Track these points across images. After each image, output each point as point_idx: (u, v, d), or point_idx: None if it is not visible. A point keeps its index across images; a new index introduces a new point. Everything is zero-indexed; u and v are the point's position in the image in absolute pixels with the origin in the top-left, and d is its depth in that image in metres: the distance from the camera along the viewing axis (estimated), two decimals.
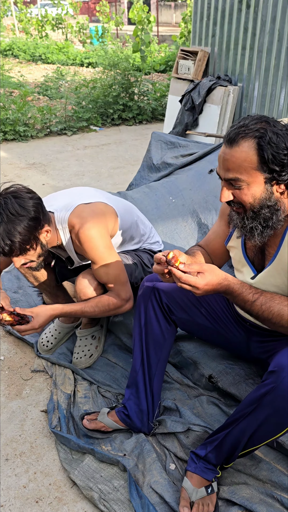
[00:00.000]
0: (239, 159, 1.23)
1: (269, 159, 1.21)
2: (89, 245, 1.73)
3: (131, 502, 1.44)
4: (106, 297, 1.82)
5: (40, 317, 1.72)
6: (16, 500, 1.51)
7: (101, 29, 15.57)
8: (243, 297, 1.31)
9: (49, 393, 1.94)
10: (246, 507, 1.39)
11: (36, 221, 1.63)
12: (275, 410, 1.24)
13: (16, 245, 1.60)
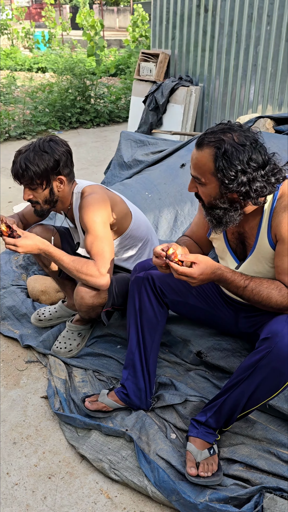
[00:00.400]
0: (201, 162, 1.41)
1: (218, 169, 1.37)
2: (87, 210, 1.82)
3: (141, 468, 1.54)
4: (86, 259, 1.83)
5: (27, 239, 1.73)
6: (29, 478, 1.57)
7: (47, 34, 15.51)
8: (235, 284, 1.46)
9: (46, 381, 2.01)
10: (247, 462, 1.53)
11: (55, 165, 1.79)
12: (271, 372, 1.38)
13: (28, 173, 1.75)
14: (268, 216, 1.48)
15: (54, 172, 1.80)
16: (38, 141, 1.81)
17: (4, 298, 2.54)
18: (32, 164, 1.75)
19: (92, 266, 1.81)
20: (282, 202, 1.45)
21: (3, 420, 1.80)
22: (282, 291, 1.43)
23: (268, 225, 1.48)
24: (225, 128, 1.41)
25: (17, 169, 1.77)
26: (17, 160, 1.79)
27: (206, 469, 1.50)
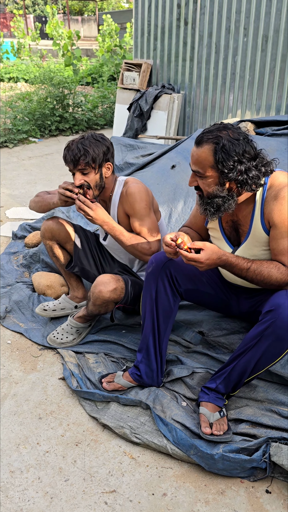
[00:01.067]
0: (201, 157, 1.62)
1: (218, 161, 1.59)
2: (133, 198, 2.03)
3: (159, 430, 1.72)
4: (140, 238, 2.04)
5: (101, 209, 1.97)
6: (58, 446, 1.73)
7: (17, 44, 15.62)
8: (240, 267, 1.67)
9: (61, 365, 2.17)
10: (252, 420, 1.73)
11: (107, 151, 2.01)
12: (275, 339, 1.58)
13: (87, 157, 1.95)
14: (260, 205, 1.70)
15: (105, 158, 2.01)
16: (89, 133, 2.04)
17: (11, 294, 2.69)
18: (90, 148, 1.96)
19: (146, 245, 2.02)
20: (272, 192, 1.67)
21: (26, 399, 1.95)
22: (281, 269, 1.64)
23: (261, 213, 1.70)
24: (220, 127, 1.63)
25: (76, 153, 1.95)
26: (74, 147, 1.96)
27: (219, 428, 1.69)
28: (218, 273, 1.99)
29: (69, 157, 1.98)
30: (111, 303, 2.08)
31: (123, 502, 1.52)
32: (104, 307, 2.10)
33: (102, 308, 2.11)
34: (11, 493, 1.55)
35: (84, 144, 1.96)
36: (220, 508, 1.51)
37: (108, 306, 2.10)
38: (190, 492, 1.56)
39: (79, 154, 1.95)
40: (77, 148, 1.95)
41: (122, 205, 2.10)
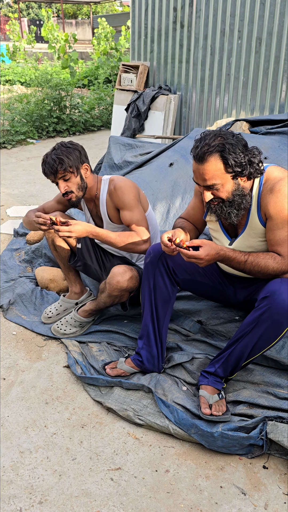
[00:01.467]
0: (211, 170, 1.68)
1: (232, 164, 1.67)
2: (121, 192, 2.13)
3: (161, 412, 1.81)
4: (128, 232, 2.13)
5: (78, 225, 2.03)
6: (65, 428, 1.81)
7: (12, 47, 15.72)
8: (237, 260, 1.76)
9: (65, 354, 2.25)
10: (249, 401, 1.82)
11: (80, 154, 2.12)
12: (271, 324, 1.67)
13: (63, 164, 2.06)
14: (257, 199, 1.79)
15: (80, 160, 2.12)
16: (58, 144, 2.14)
17: (15, 287, 2.77)
18: (63, 156, 2.07)
19: (135, 236, 2.10)
20: (267, 186, 1.76)
21: (33, 386, 2.03)
22: (277, 259, 1.73)
23: (257, 206, 1.79)
24: (211, 136, 1.70)
25: (52, 164, 2.06)
26: (49, 159, 2.08)
27: (218, 409, 1.78)
28: (215, 264, 2.08)
29: (47, 169, 2.09)
30: (126, 292, 2.18)
31: (128, 478, 1.61)
32: (118, 298, 2.20)
33: (116, 299, 2.21)
34: (21, 472, 1.63)
35: (57, 154, 2.08)
36: (220, 482, 1.59)
37: (122, 296, 2.19)
38: (191, 468, 1.65)
39: (56, 164, 2.06)
40: (52, 159, 2.07)
41: (111, 200, 2.20)
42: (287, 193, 1.70)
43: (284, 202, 1.70)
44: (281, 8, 4.03)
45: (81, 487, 1.57)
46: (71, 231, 2.00)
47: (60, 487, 1.57)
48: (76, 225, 2.02)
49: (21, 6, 28.74)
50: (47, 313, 2.45)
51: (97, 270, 2.44)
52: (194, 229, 2.07)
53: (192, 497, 1.54)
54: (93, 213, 2.35)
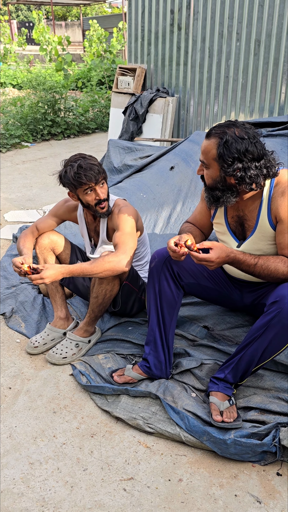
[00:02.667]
0: (207, 149, 1.71)
1: (220, 155, 1.67)
2: (122, 217, 2.13)
3: (171, 419, 1.78)
4: (102, 256, 2.04)
5: (49, 270, 1.95)
6: (75, 438, 1.78)
7: (3, 50, 15.65)
8: (247, 263, 1.75)
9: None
10: (260, 407, 1.81)
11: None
12: (281, 328, 1.65)
13: (102, 169, 2.10)
14: (267, 201, 1.77)
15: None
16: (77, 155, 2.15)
17: (17, 294, 2.74)
18: (97, 163, 2.11)
19: (112, 256, 2.02)
20: (279, 189, 1.75)
21: (40, 395, 2.00)
22: (287, 263, 1.72)
23: (268, 209, 1.77)
24: (230, 123, 1.70)
25: (94, 169, 2.07)
26: (87, 166, 2.07)
27: (229, 416, 1.76)
28: (220, 268, 2.06)
29: (91, 175, 2.07)
30: (117, 279, 2.14)
31: (141, 488, 1.58)
32: (110, 287, 2.14)
33: (108, 288, 2.14)
34: (32, 484, 1.60)
35: (91, 161, 2.10)
36: (234, 491, 1.57)
37: (114, 284, 2.14)
38: (204, 477, 1.63)
39: (97, 169, 2.07)
40: (90, 166, 2.07)
41: (111, 222, 2.22)
42: None
43: None
44: (280, 10, 4.03)
45: (94, 499, 1.54)
46: (43, 277, 1.94)
47: (72, 499, 1.54)
48: (47, 271, 1.95)
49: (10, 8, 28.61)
50: (33, 342, 2.29)
51: (88, 286, 2.43)
52: (201, 234, 2.05)
53: (207, 507, 1.52)
54: (91, 228, 2.35)
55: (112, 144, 3.93)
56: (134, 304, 2.36)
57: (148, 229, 3.00)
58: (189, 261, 1.96)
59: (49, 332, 2.33)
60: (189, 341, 2.25)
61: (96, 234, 2.34)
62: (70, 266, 2.00)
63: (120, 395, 1.94)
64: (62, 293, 2.42)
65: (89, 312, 2.23)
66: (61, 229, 3.31)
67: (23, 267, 1.98)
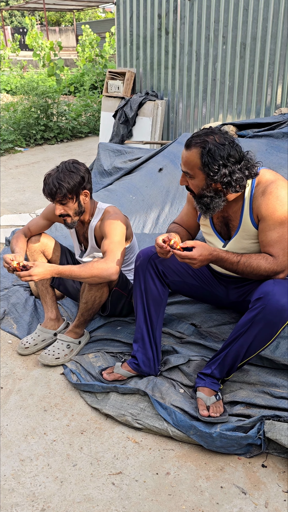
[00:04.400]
0: (189, 159, 1.75)
1: (205, 165, 1.72)
2: (111, 225, 2.13)
3: (159, 415, 1.82)
4: (92, 261, 2.06)
5: (38, 267, 1.97)
6: (65, 435, 1.82)
7: None
8: (230, 261, 1.79)
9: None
10: (246, 402, 1.85)
11: (82, 181, 2.10)
12: (265, 324, 1.70)
13: (62, 190, 2.06)
14: (249, 201, 1.82)
15: (81, 187, 2.11)
16: (63, 164, 2.12)
17: (10, 296, 2.77)
18: (64, 181, 2.06)
19: (101, 262, 2.03)
20: (259, 189, 1.80)
21: (31, 394, 2.04)
22: (268, 259, 1.77)
23: (250, 209, 1.82)
24: (208, 131, 1.76)
25: (51, 188, 2.06)
26: (49, 181, 2.07)
27: (215, 410, 1.80)
28: (206, 266, 2.11)
29: (46, 191, 2.09)
30: (105, 286, 2.16)
31: (129, 482, 1.62)
32: (99, 294, 2.16)
33: (97, 294, 2.17)
34: (22, 480, 1.63)
35: (59, 178, 2.06)
36: (220, 482, 1.61)
37: (103, 291, 2.17)
38: (191, 470, 1.67)
39: (55, 189, 2.06)
40: (53, 183, 2.06)
41: (100, 230, 2.23)
42: (279, 195, 1.74)
43: (276, 204, 1.73)
44: (264, 14, 4.10)
45: (83, 493, 1.58)
46: (31, 274, 1.95)
47: (62, 494, 1.58)
48: (36, 268, 1.97)
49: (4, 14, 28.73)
50: (24, 343, 2.32)
51: (78, 288, 2.46)
52: (187, 234, 2.10)
53: (193, 498, 1.56)
54: (80, 233, 2.38)
55: (102, 147, 3.97)
56: (123, 307, 2.40)
57: (137, 230, 3.05)
58: (174, 260, 2.01)
59: (39, 333, 2.36)
60: (177, 339, 2.29)
61: (85, 239, 2.37)
62: (60, 267, 2.03)
63: (110, 392, 1.97)
64: (53, 295, 2.45)
65: (79, 316, 2.26)
66: (53, 231, 3.35)
67: (12, 263, 2.00)
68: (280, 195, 1.74)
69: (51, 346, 2.26)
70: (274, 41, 4.09)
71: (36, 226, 2.41)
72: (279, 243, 1.75)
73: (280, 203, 1.73)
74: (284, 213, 1.74)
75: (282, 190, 1.75)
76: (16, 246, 2.30)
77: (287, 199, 1.74)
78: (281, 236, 1.75)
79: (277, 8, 4.00)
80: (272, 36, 4.09)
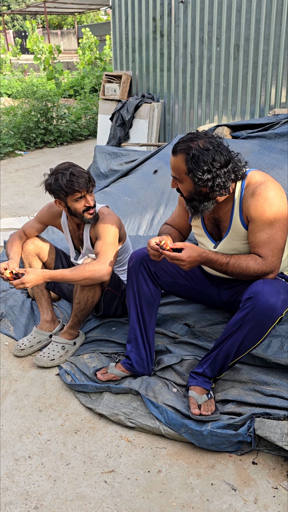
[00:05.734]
0: (176, 165, 1.79)
1: (190, 170, 1.75)
2: (105, 226, 2.18)
3: (151, 413, 1.85)
4: (83, 264, 2.10)
5: (30, 274, 2.01)
6: (59, 435, 1.85)
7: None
8: (219, 262, 1.82)
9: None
10: (237, 400, 1.87)
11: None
12: (255, 323, 1.72)
13: (92, 178, 2.16)
14: (239, 202, 1.85)
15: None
16: (67, 163, 2.18)
17: (7, 299, 2.81)
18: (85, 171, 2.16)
19: (93, 264, 2.07)
20: (249, 191, 1.82)
21: (26, 395, 2.07)
22: (257, 260, 1.79)
23: (239, 210, 1.85)
24: (192, 137, 1.78)
25: (86, 178, 2.13)
26: (78, 174, 2.12)
27: (207, 409, 1.83)
28: (198, 267, 2.14)
29: (82, 182, 2.11)
30: (97, 286, 2.19)
31: (121, 480, 1.65)
32: (92, 294, 2.19)
33: (90, 295, 2.19)
34: (16, 479, 1.66)
35: (81, 169, 2.15)
36: (211, 480, 1.64)
37: (95, 291, 2.19)
38: (182, 467, 1.69)
39: (87, 177, 2.13)
40: (81, 174, 2.12)
41: (94, 230, 2.27)
42: (267, 197, 1.76)
43: (265, 205, 1.76)
44: (256, 15, 4.13)
45: (76, 491, 1.61)
46: (23, 282, 1.99)
47: (55, 492, 1.61)
48: (28, 275, 2.00)
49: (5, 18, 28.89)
50: (20, 345, 2.35)
51: (69, 288, 2.49)
52: (179, 236, 2.13)
53: (184, 495, 1.58)
54: (74, 235, 2.41)
55: (99, 150, 4.01)
56: (117, 308, 2.42)
57: (132, 232, 3.08)
58: (166, 261, 2.03)
59: (35, 335, 2.40)
60: (170, 339, 2.32)
61: (80, 241, 2.40)
62: (51, 272, 2.06)
63: (103, 392, 2.01)
64: (48, 297, 2.48)
65: (72, 317, 2.28)
66: (49, 233, 3.38)
67: (5, 273, 2.04)
68: (269, 196, 1.76)
69: (46, 348, 2.29)
70: (267, 42, 4.12)
71: (31, 229, 2.44)
72: (268, 244, 1.78)
73: (269, 204, 1.76)
74: (273, 214, 1.76)
75: (271, 192, 1.77)
76: (10, 251, 2.33)
77: (276, 201, 1.76)
78: (270, 237, 1.77)
79: (269, 9, 4.03)
80: (265, 37, 4.11)
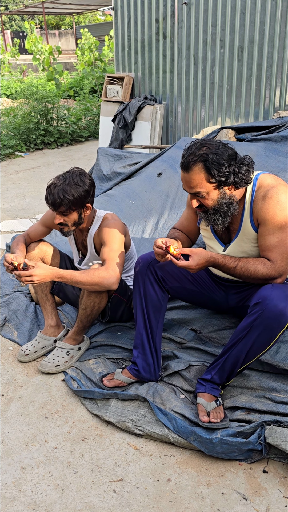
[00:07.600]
0: (195, 179, 1.75)
1: (215, 174, 1.72)
2: (110, 233, 2.14)
3: (160, 421, 1.83)
4: (93, 268, 2.06)
5: (39, 268, 1.96)
6: (66, 442, 1.82)
7: None
8: (227, 266, 1.80)
9: None
10: (247, 407, 1.85)
11: (87, 195, 2.09)
12: (264, 329, 1.70)
13: (65, 202, 2.05)
14: (249, 205, 1.83)
15: (85, 201, 2.11)
16: (70, 174, 2.10)
17: (10, 303, 2.78)
18: (68, 195, 2.04)
19: (102, 270, 2.03)
20: (260, 193, 1.80)
21: (32, 401, 2.04)
22: (266, 264, 1.77)
23: (250, 212, 1.83)
24: (197, 146, 1.76)
25: (55, 199, 2.05)
26: (54, 192, 2.05)
27: (216, 416, 1.80)
28: (205, 271, 2.11)
29: (50, 200, 2.07)
30: (105, 293, 2.16)
31: (130, 489, 1.62)
32: (98, 300, 2.16)
33: (96, 301, 2.17)
34: (24, 488, 1.64)
35: (65, 190, 2.04)
36: (221, 489, 1.61)
37: (102, 297, 2.17)
38: (192, 476, 1.67)
39: (59, 200, 2.04)
40: (57, 194, 2.04)
41: (98, 237, 2.23)
42: (279, 200, 1.74)
43: (276, 208, 1.74)
44: (261, 17, 4.12)
45: (84, 500, 1.58)
46: (32, 275, 1.93)
47: (63, 502, 1.58)
48: (37, 269, 1.95)
49: (3, 18, 28.85)
50: (24, 350, 2.32)
51: (77, 295, 2.45)
52: (188, 240, 2.11)
53: (194, 505, 1.56)
54: (79, 240, 2.38)
55: (101, 152, 3.99)
56: (123, 313, 2.40)
57: (136, 235, 3.06)
58: (173, 266, 2.01)
59: (39, 340, 2.37)
60: (177, 344, 2.30)
61: (84, 246, 2.37)
62: (61, 270, 2.02)
63: (110, 399, 1.98)
64: (52, 301, 2.45)
65: (78, 322, 2.25)
66: (53, 236, 3.36)
67: (14, 262, 1.99)
68: (281, 200, 1.75)
69: (51, 354, 2.26)
70: (272, 44, 4.10)
71: (35, 232, 2.42)
72: (278, 248, 1.76)
73: (281, 208, 1.74)
74: (284, 218, 1.74)
75: (282, 195, 1.76)
76: (17, 249, 2.31)
77: (287, 205, 1.75)
78: (280, 241, 1.76)
79: (274, 11, 4.01)
80: (270, 39, 4.10)
